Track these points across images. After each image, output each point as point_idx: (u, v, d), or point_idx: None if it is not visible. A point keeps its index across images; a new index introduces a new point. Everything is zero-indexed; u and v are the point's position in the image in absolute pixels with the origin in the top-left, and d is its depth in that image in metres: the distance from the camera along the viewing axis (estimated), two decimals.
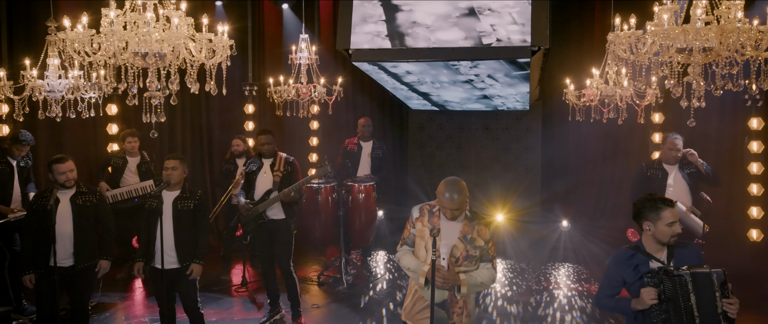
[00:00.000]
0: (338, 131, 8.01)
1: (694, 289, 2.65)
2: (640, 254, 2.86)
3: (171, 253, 4.20)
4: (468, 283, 3.09)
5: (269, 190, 5.05)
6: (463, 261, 3.11)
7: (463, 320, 3.17)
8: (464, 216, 3.15)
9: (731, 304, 2.64)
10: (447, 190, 3.07)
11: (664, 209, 2.78)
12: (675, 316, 2.69)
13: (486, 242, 3.14)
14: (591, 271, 6.61)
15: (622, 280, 2.90)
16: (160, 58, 3.80)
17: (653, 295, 2.71)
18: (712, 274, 2.66)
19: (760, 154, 6.10)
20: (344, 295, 5.90)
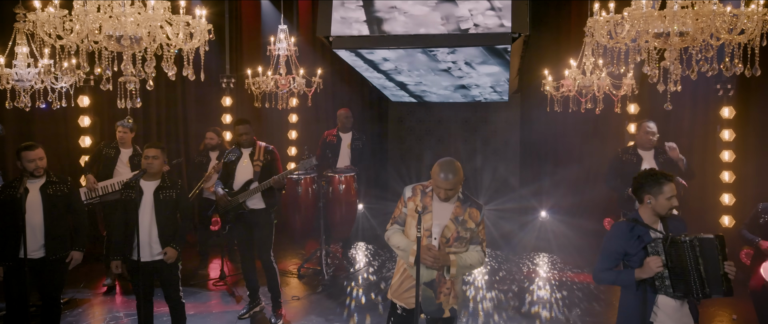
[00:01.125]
0: (317, 123, 7.95)
1: (701, 253, 2.81)
2: (639, 226, 2.99)
3: (154, 245, 4.10)
4: (458, 264, 3.11)
5: (250, 180, 4.97)
6: (454, 242, 3.12)
7: (449, 301, 3.18)
8: (457, 198, 3.16)
9: (731, 266, 2.82)
10: (442, 170, 3.08)
11: (666, 184, 2.95)
12: (681, 281, 2.83)
13: (477, 225, 3.15)
14: (569, 260, 6.70)
15: (623, 252, 3.00)
16: (135, 42, 3.68)
17: (659, 263, 2.85)
18: (715, 240, 2.83)
19: (731, 142, 6.25)
20: (325, 286, 5.85)
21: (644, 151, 5.24)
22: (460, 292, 3.25)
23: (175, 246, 4.15)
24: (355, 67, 5.49)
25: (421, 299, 3.12)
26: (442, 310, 3.18)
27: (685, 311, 2.95)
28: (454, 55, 4.72)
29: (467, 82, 5.92)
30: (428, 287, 3.14)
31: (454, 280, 3.16)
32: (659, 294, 2.92)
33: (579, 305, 5.34)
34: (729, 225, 6.33)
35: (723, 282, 2.82)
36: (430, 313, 3.19)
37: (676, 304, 2.92)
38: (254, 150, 5.04)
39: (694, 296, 2.86)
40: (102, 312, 5.25)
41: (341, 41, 4.63)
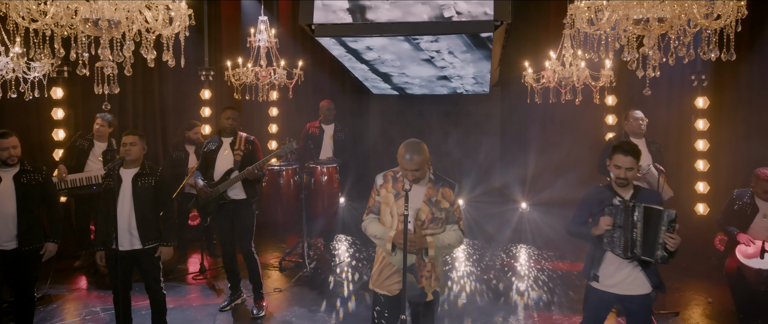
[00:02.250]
0: (298, 116, 7.89)
1: (643, 219, 3.10)
2: (608, 191, 3.32)
3: (133, 233, 4.02)
4: (435, 245, 3.09)
5: (230, 170, 4.90)
6: (429, 224, 3.11)
7: (431, 283, 3.18)
8: (428, 179, 3.15)
9: (672, 239, 3.04)
10: (406, 151, 3.06)
11: (616, 153, 3.27)
12: (622, 240, 3.16)
13: (451, 204, 3.15)
14: (548, 250, 6.78)
15: (590, 211, 3.35)
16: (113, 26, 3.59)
17: (608, 223, 3.19)
18: (664, 213, 3.07)
19: (705, 132, 6.41)
20: (307, 278, 5.81)
21: (636, 139, 5.32)
22: (441, 274, 3.24)
23: (167, 243, 4.09)
24: (338, 56, 5.47)
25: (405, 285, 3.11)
26: (424, 293, 3.17)
27: (630, 272, 3.24)
28: (438, 43, 4.73)
29: (450, 72, 5.94)
30: (409, 272, 3.13)
31: (434, 262, 3.16)
32: (606, 250, 3.25)
33: (555, 292, 5.41)
34: (704, 212, 6.48)
35: (658, 249, 3.06)
36: (413, 297, 3.17)
37: (621, 262, 3.23)
38: (235, 139, 4.97)
39: (626, 255, 3.16)
40: (77, 307, 5.11)
41: (324, 29, 4.59)
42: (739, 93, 6.25)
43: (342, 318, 4.86)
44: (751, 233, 4.37)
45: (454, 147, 7.96)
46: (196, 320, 4.83)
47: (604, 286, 3.30)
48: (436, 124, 7.99)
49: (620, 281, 3.26)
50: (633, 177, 3.26)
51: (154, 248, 4.11)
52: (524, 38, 7.06)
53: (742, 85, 6.22)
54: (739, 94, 6.25)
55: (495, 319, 4.82)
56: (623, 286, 3.26)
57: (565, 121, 7.25)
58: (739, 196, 4.58)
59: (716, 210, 6.12)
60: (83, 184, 5.78)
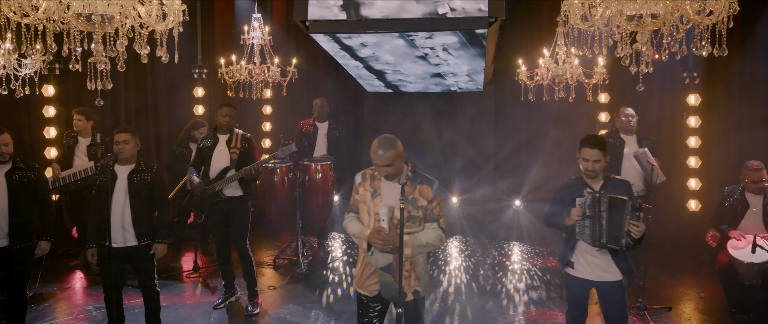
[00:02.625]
0: (292, 113, 7.87)
1: (608, 209, 3.22)
2: (579, 182, 3.47)
3: (129, 230, 3.99)
4: (412, 244, 3.01)
5: (226, 168, 4.86)
6: (406, 222, 3.01)
7: (411, 283, 3.09)
8: (405, 176, 3.07)
9: (636, 226, 3.18)
10: (379, 146, 2.98)
11: (583, 146, 3.40)
12: (591, 229, 3.29)
13: (429, 202, 3.06)
14: (542, 247, 6.81)
15: (562, 202, 3.48)
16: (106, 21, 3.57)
17: (578, 213, 3.31)
18: (628, 202, 3.20)
19: (697, 129, 6.46)
20: (302, 276, 5.80)
21: (627, 135, 5.35)
22: (423, 274, 3.15)
23: (162, 241, 4.06)
24: (332, 53, 5.46)
25: (381, 285, 3.08)
26: (404, 293, 3.07)
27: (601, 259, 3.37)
28: (432, 40, 4.73)
29: (444, 70, 5.95)
30: (386, 272, 3.06)
31: (413, 262, 3.08)
32: (579, 239, 3.38)
33: (550, 287, 5.44)
34: (696, 209, 6.54)
35: (623, 237, 3.21)
36: (391, 297, 3.09)
37: (591, 249, 3.37)
38: (232, 137, 4.93)
39: (594, 244, 3.30)
40: (69, 306, 5.07)
41: (318, 25, 4.58)
42: (731, 90, 6.32)
43: (337, 315, 4.85)
44: (743, 229, 4.42)
45: (447, 145, 7.98)
46: (190, 318, 4.80)
47: (579, 272, 3.46)
48: (429, 122, 8.00)
49: (593, 268, 3.41)
50: (601, 168, 3.37)
51: (149, 245, 4.09)
52: (518, 36, 7.09)
53: (733, 82, 6.28)
54: (731, 90, 6.31)
55: (490, 314, 4.83)
56: (596, 273, 3.40)
57: (558, 118, 7.29)
58: (730, 192, 4.63)
59: (708, 206, 6.18)
60: (68, 181, 5.75)
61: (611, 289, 3.39)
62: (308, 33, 4.70)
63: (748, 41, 6.07)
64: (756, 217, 4.41)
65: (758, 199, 4.43)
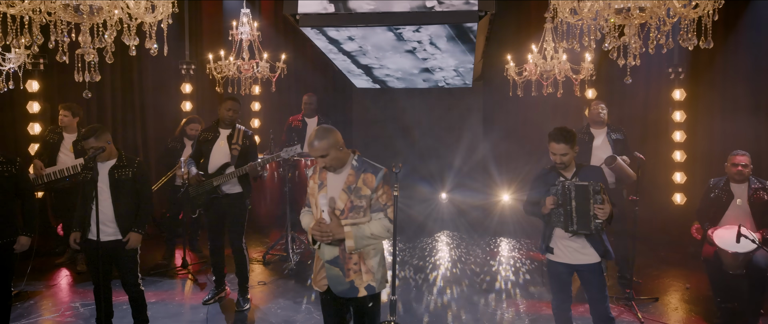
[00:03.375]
0: (280, 109, 7.84)
1: (576, 196, 3.35)
2: (553, 172, 3.59)
3: (110, 225, 3.93)
4: (354, 235, 2.87)
5: (226, 164, 4.80)
6: (349, 213, 2.90)
7: (362, 277, 2.96)
8: (350, 166, 2.97)
9: (601, 209, 3.31)
10: (314, 137, 2.91)
11: (549, 141, 3.54)
12: (564, 216, 3.41)
13: (373, 191, 2.91)
14: (529, 240, 6.87)
15: (538, 191, 3.61)
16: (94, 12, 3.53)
17: (552, 202, 3.44)
18: (589, 187, 3.33)
19: (682, 123, 6.56)
20: (292, 272, 5.78)
21: (597, 128, 5.42)
22: (375, 269, 2.99)
23: (138, 230, 4.00)
24: (321, 47, 5.45)
25: (328, 279, 2.99)
26: (355, 288, 2.96)
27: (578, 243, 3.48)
28: (420, 33, 4.74)
29: (432, 64, 5.97)
30: (334, 265, 2.96)
31: (362, 255, 2.96)
32: (555, 226, 3.51)
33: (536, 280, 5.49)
34: (681, 202, 6.63)
35: (591, 221, 3.34)
36: (342, 293, 2.98)
37: (567, 235, 3.48)
38: (233, 132, 4.85)
39: (567, 230, 3.42)
40: (55, 303, 5.00)
41: (308, 19, 4.57)
42: (714, 84, 6.43)
43: None
44: (728, 219, 4.48)
45: (436, 141, 8.01)
46: (179, 314, 4.76)
47: (558, 257, 3.57)
48: (418, 118, 8.03)
49: (570, 252, 3.51)
50: (569, 160, 3.49)
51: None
52: (506, 32, 7.14)
53: (716, 77, 6.39)
54: (714, 85, 6.43)
55: (479, 306, 4.86)
56: (575, 256, 3.51)
57: (546, 114, 7.35)
58: (715, 184, 4.69)
59: (693, 199, 6.28)
60: (57, 177, 5.66)
61: (590, 272, 3.50)
62: (298, 27, 4.69)
63: (731, 36, 6.18)
64: (741, 208, 4.48)
65: (742, 189, 4.50)
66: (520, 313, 4.71)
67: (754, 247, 4.14)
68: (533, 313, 4.72)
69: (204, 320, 4.62)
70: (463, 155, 7.95)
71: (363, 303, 3.00)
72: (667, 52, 6.29)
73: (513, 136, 7.84)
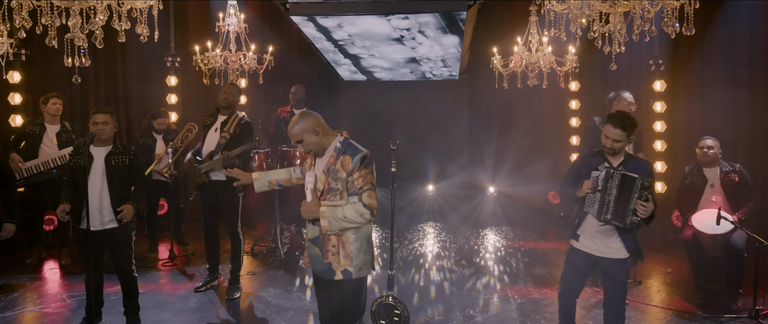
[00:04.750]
0: (268, 102, 7.83)
1: (619, 186, 3.18)
2: (599, 156, 3.40)
3: (106, 213, 3.91)
4: (328, 215, 2.86)
5: (212, 152, 4.78)
6: (327, 194, 2.92)
7: (340, 261, 2.96)
8: (334, 148, 2.96)
9: (643, 206, 3.11)
10: (292, 122, 2.93)
11: (607, 123, 3.32)
12: (599, 203, 3.26)
13: (349, 174, 2.88)
14: (516, 230, 6.99)
15: (578, 173, 3.44)
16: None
17: (590, 186, 3.29)
18: (638, 180, 3.14)
19: (663, 113, 6.74)
20: (281, 262, 5.79)
21: None
22: (355, 254, 2.97)
23: (132, 203, 3.97)
24: (310, 37, 5.48)
25: (309, 257, 3.06)
26: (332, 270, 2.97)
27: (608, 235, 3.31)
28: (408, 21, 4.80)
29: (420, 54, 6.03)
30: (314, 244, 3.01)
31: (343, 240, 2.95)
32: (588, 212, 3.35)
33: (522, 267, 5.60)
34: (662, 190, 6.81)
35: (629, 215, 3.15)
36: (319, 272, 3.03)
37: (598, 226, 3.31)
38: (229, 119, 4.81)
39: (600, 219, 3.26)
40: (41, 295, 4.93)
41: (298, 8, 4.61)
42: (693, 75, 6.61)
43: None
44: (704, 204, 4.64)
45: (423, 134, 8.08)
46: (169, 303, 4.74)
47: (583, 245, 3.39)
48: (405, 111, 8.09)
49: (597, 243, 3.33)
50: (621, 148, 3.27)
51: (128, 225, 4.01)
52: (492, 25, 7.24)
53: (695, 68, 6.58)
54: (693, 76, 6.61)
55: (468, 291, 4.93)
56: (600, 249, 3.32)
57: (530, 106, 7.48)
58: (689, 171, 4.86)
59: (673, 188, 6.45)
60: (41, 170, 5.53)
61: (614, 266, 3.31)
62: (288, 16, 4.72)
63: (709, 28, 6.37)
64: (715, 190, 4.65)
65: (714, 173, 4.68)
66: (507, 298, 4.80)
67: (731, 229, 4.30)
68: (522, 297, 4.81)
69: (193, 308, 4.61)
70: (449, 147, 8.04)
71: (338, 286, 2.99)
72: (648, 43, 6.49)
73: (498, 128, 7.95)
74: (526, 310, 4.53)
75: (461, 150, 8.07)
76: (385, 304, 2.81)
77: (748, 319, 4.20)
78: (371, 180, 2.88)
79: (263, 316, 4.46)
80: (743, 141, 6.14)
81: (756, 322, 4.16)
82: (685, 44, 6.49)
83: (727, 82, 6.26)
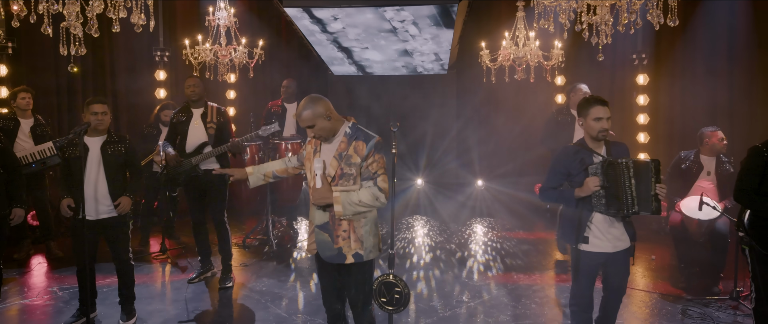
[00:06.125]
0: (257, 95, 7.85)
1: (635, 174, 3.00)
2: (584, 150, 3.17)
3: (105, 202, 3.92)
4: (342, 200, 2.87)
5: (204, 143, 4.79)
6: (340, 180, 2.91)
7: (351, 245, 2.97)
8: (343, 133, 2.96)
9: (663, 188, 3.00)
10: (302, 107, 2.90)
11: (593, 106, 3.13)
12: (615, 199, 3.01)
13: (363, 159, 2.89)
14: (503, 222, 7.12)
15: (567, 173, 3.18)
16: None
17: (597, 183, 3.02)
18: (650, 163, 3.02)
19: (646, 106, 6.94)
20: (273, 254, 5.82)
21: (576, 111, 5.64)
22: (366, 237, 2.99)
23: (129, 195, 3.98)
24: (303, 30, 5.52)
25: (317, 243, 3.03)
26: (342, 255, 2.97)
27: (618, 228, 3.14)
28: (403, 13, 4.88)
29: (412, 46, 6.11)
30: (323, 230, 2.99)
31: (353, 224, 2.96)
32: (595, 211, 3.11)
33: (508, 256, 5.72)
34: None
35: (653, 201, 3.01)
36: (329, 258, 3.01)
37: (609, 221, 3.12)
38: (206, 111, 4.86)
39: (625, 213, 3.05)
40: (31, 287, 4.90)
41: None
42: (675, 69, 6.82)
43: (312, 287, 4.91)
44: (695, 190, 4.78)
45: (412, 128, 8.16)
46: (162, 294, 4.76)
47: (596, 246, 3.15)
48: (394, 106, 8.17)
49: (611, 240, 3.14)
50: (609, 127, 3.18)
51: (125, 215, 4.02)
52: (481, 20, 7.36)
53: (677, 62, 6.78)
54: (675, 70, 6.82)
55: (461, 280, 5.03)
56: (614, 244, 3.15)
57: (518, 100, 7.61)
58: (686, 156, 4.94)
59: None
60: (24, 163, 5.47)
61: (623, 257, 3.18)
62: (282, 7, 4.76)
63: (690, 22, 6.57)
64: (709, 178, 4.82)
65: (712, 162, 4.84)
66: (498, 284, 4.91)
67: (717, 215, 4.46)
68: (512, 284, 4.92)
69: (188, 298, 4.63)
70: (438, 141, 8.14)
71: (349, 270, 3.01)
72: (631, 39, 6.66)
73: (486, 121, 8.07)
74: (517, 295, 4.65)
75: (450, 143, 8.18)
76: (386, 282, 2.86)
77: (730, 300, 4.37)
78: (384, 165, 2.92)
79: (258, 304, 4.50)
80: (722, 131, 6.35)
81: (736, 302, 4.33)
82: (667, 39, 6.68)
83: (707, 75, 6.47)
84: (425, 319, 4.20)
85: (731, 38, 6.40)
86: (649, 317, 4.22)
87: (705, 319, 4.13)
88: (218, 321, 4.22)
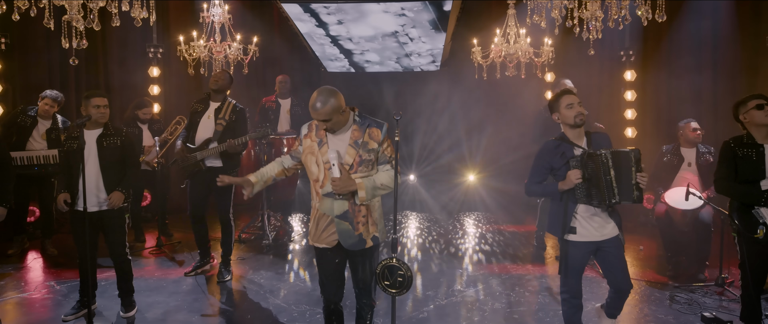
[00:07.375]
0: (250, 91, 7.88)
1: (614, 165, 3.02)
2: (565, 143, 3.21)
3: (100, 195, 3.94)
4: (365, 186, 2.91)
5: (209, 139, 4.79)
6: (358, 167, 2.94)
7: (369, 229, 3.03)
8: (352, 122, 2.98)
9: (644, 177, 3.02)
10: (316, 99, 2.84)
11: (561, 96, 3.21)
12: (597, 190, 3.06)
13: (380, 144, 2.97)
14: (494, 215, 7.24)
15: (550, 167, 3.22)
16: None
17: (578, 175, 3.07)
18: (631, 153, 3.03)
19: (633, 102, 7.10)
20: (270, 248, 5.88)
21: None
22: (379, 220, 3.07)
23: (121, 190, 4.01)
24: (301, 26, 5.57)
25: (339, 233, 3.01)
26: (363, 240, 3.02)
27: (603, 218, 3.17)
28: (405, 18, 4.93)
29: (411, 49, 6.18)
30: (343, 220, 2.99)
31: (369, 207, 3.01)
32: (579, 203, 3.15)
33: (500, 247, 5.84)
34: None
35: (634, 190, 3.02)
36: (351, 246, 3.02)
37: (594, 211, 3.15)
38: (222, 106, 4.82)
39: (607, 203, 3.05)
40: (28, 282, 4.90)
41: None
42: (661, 65, 6.99)
43: (309, 280, 4.97)
44: (678, 181, 4.94)
45: (405, 125, 8.26)
46: (161, 286, 4.78)
47: (582, 236, 3.19)
48: (387, 102, 8.26)
49: (597, 228, 3.18)
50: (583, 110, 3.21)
51: (123, 209, 4.06)
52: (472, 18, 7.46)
53: (663, 58, 6.96)
54: (661, 66, 6.99)
55: (454, 270, 5.13)
56: (601, 232, 3.18)
57: (509, 97, 7.74)
58: (667, 150, 5.12)
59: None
60: (24, 164, 5.46)
61: (616, 243, 3.21)
62: (279, 2, 4.82)
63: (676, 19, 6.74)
64: (690, 169, 4.97)
65: (692, 153, 5.00)
66: (491, 274, 5.02)
67: (700, 204, 4.61)
68: (505, 274, 5.04)
69: (186, 291, 4.67)
70: (431, 138, 8.25)
71: (365, 254, 3.06)
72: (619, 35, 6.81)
73: (478, 118, 8.19)
74: (510, 284, 4.76)
75: (442, 139, 8.29)
76: (389, 265, 2.92)
77: (715, 287, 4.53)
78: (394, 148, 3.01)
79: (257, 296, 4.56)
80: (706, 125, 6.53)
81: (722, 289, 4.48)
82: (654, 36, 6.85)
83: (692, 70, 6.65)
84: (423, 307, 4.29)
85: (715, 36, 6.59)
86: (638, 303, 4.35)
87: (692, 304, 4.27)
88: (219, 311, 4.28)
